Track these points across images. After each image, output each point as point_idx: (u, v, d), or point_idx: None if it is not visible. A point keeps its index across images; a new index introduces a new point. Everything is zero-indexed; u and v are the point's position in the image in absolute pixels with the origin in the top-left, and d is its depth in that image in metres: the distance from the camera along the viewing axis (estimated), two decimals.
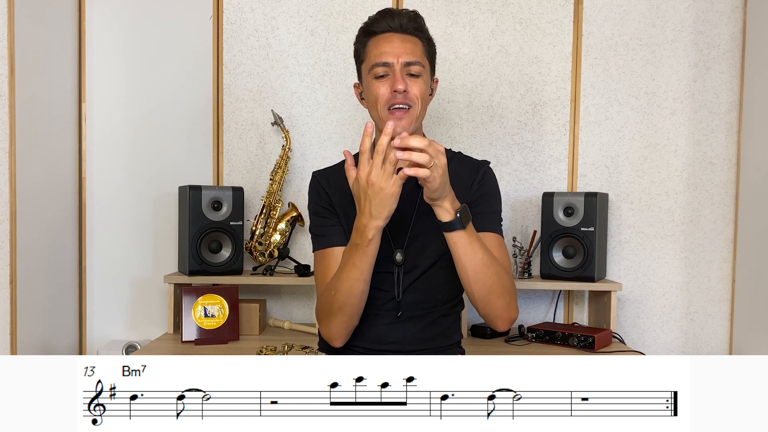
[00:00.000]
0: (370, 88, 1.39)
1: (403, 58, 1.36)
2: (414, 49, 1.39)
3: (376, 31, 1.41)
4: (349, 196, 1.33)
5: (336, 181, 1.48)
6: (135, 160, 2.29)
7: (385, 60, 1.36)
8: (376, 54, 1.38)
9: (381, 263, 1.34)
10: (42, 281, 2.05)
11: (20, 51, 1.89)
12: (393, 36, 1.39)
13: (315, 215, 1.49)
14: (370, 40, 1.41)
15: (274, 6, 2.28)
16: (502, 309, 1.35)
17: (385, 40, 1.39)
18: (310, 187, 1.52)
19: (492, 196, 1.48)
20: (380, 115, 1.37)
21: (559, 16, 2.27)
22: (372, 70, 1.38)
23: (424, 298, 1.44)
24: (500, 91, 2.29)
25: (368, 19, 1.43)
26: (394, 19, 1.39)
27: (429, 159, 1.15)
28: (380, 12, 1.42)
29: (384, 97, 1.36)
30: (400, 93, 1.35)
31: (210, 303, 1.95)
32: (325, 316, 1.39)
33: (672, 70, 2.27)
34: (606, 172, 2.29)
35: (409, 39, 1.40)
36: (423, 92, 1.39)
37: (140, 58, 2.28)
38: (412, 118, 1.37)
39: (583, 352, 1.87)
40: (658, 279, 2.29)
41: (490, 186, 1.48)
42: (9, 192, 1.86)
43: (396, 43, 1.38)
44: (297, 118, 2.28)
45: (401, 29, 1.39)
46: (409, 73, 1.37)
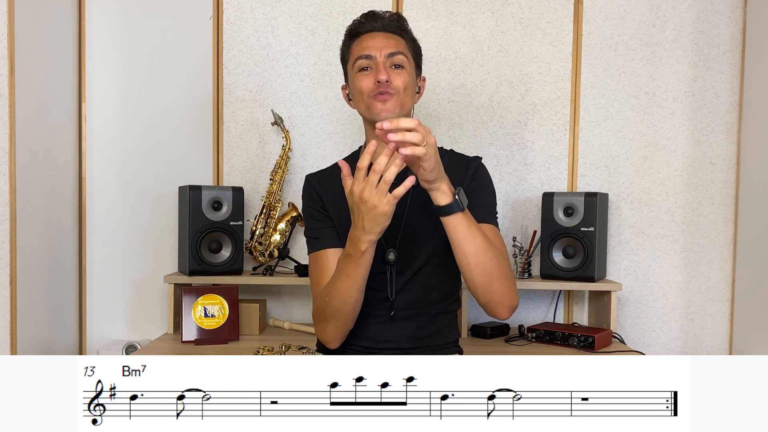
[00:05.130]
0: (354, 82, 1.42)
1: (385, 50, 1.39)
2: (397, 43, 1.42)
3: (360, 31, 1.44)
4: (342, 199, 1.33)
5: (329, 184, 1.49)
6: (135, 160, 2.29)
7: (368, 53, 1.39)
8: (359, 49, 1.41)
9: (373, 263, 1.33)
10: (42, 281, 2.05)
11: (20, 51, 1.89)
12: (376, 34, 1.42)
13: (309, 218, 1.50)
14: (354, 40, 1.44)
15: (274, 6, 2.28)
16: (503, 294, 1.33)
17: (368, 37, 1.42)
18: (303, 190, 1.54)
19: (485, 188, 1.48)
20: (366, 104, 1.39)
21: (559, 16, 2.27)
22: (355, 63, 1.40)
23: (418, 297, 1.44)
24: (500, 91, 2.29)
25: (352, 23, 1.46)
26: (377, 20, 1.43)
27: (422, 138, 1.14)
28: (363, 15, 1.45)
29: (368, 88, 1.38)
30: (383, 83, 1.36)
31: (210, 303, 1.95)
32: (320, 320, 1.40)
33: (672, 70, 2.27)
34: (606, 172, 2.29)
35: (392, 36, 1.43)
36: (407, 84, 1.40)
37: (140, 58, 2.28)
38: (396, 103, 1.38)
39: (583, 352, 1.87)
40: (658, 279, 2.29)
41: (482, 179, 1.48)
42: (9, 192, 1.86)
43: (379, 39, 1.41)
44: (297, 118, 2.28)
45: (384, 28, 1.43)
46: (393, 64, 1.39)
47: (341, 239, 1.39)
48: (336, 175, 1.35)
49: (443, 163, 1.24)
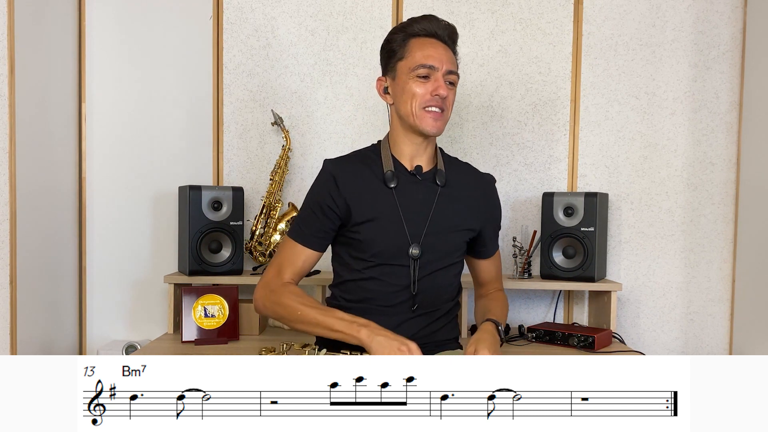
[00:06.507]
0: (407, 85, 1.43)
1: (447, 66, 1.44)
2: (454, 60, 1.48)
3: (419, 33, 1.46)
4: (363, 184, 1.45)
5: (349, 174, 1.48)
6: (135, 160, 2.29)
7: (432, 63, 1.42)
8: (422, 56, 1.43)
9: (397, 256, 1.43)
10: (42, 281, 2.05)
11: (20, 51, 1.89)
12: (437, 42, 1.46)
13: (311, 208, 1.49)
14: (413, 39, 1.46)
15: (274, 6, 2.28)
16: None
17: (431, 45, 1.45)
18: (320, 176, 1.50)
19: (499, 219, 1.64)
20: (415, 112, 1.43)
21: (559, 16, 2.27)
22: (415, 69, 1.43)
23: (433, 294, 1.49)
24: (500, 91, 2.29)
25: (409, 20, 1.48)
26: (439, 28, 1.46)
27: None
28: (424, 16, 1.48)
29: (423, 97, 1.42)
30: (441, 97, 1.42)
31: (210, 303, 1.95)
32: (269, 300, 1.47)
33: (672, 70, 2.27)
34: (606, 172, 2.29)
35: (449, 51, 1.48)
36: (453, 102, 1.48)
37: (140, 58, 2.28)
38: (444, 122, 1.46)
39: (583, 352, 1.87)
40: (658, 279, 2.29)
41: (499, 207, 1.64)
42: (9, 192, 1.86)
43: (440, 50, 1.45)
44: (297, 118, 2.28)
45: (444, 40, 1.47)
46: (449, 81, 1.45)
47: (324, 244, 1.49)
48: (361, 160, 1.50)
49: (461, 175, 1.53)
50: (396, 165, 1.48)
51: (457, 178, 1.53)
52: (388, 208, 1.44)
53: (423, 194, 1.47)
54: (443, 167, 1.51)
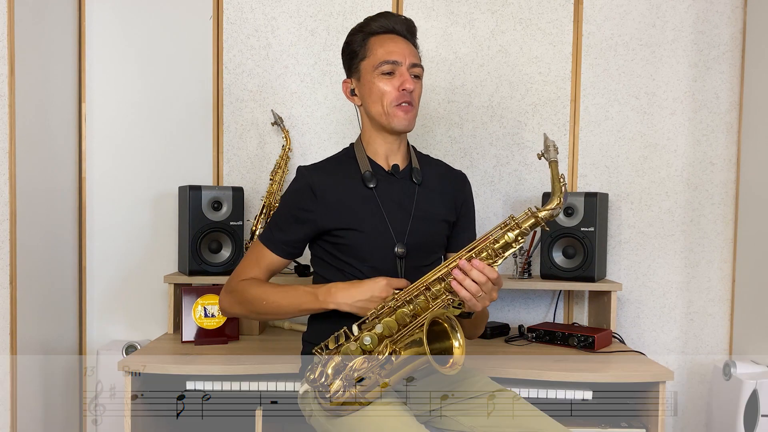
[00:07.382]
0: (374, 84, 1.43)
1: (410, 59, 1.43)
2: (416, 53, 1.47)
3: (378, 30, 1.45)
4: (341, 188, 1.43)
5: (326, 180, 1.46)
6: (135, 160, 2.29)
7: (395, 59, 1.41)
8: (384, 52, 1.42)
9: (382, 256, 1.42)
10: (42, 281, 2.05)
11: (20, 51, 1.89)
12: (396, 37, 1.46)
13: (284, 215, 1.47)
14: (373, 38, 1.45)
15: (274, 6, 2.28)
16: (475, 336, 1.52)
17: (391, 40, 1.44)
18: (295, 186, 1.47)
19: (473, 208, 1.63)
20: (386, 110, 1.43)
21: (559, 16, 2.27)
22: (379, 67, 1.42)
23: None
24: (500, 91, 2.29)
25: (366, 20, 1.48)
26: (396, 23, 1.46)
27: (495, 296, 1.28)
28: (380, 14, 1.47)
29: (392, 94, 1.42)
30: (408, 91, 1.41)
31: (210, 303, 1.95)
32: (234, 299, 1.45)
33: (672, 70, 2.27)
34: (606, 172, 2.29)
35: (410, 44, 1.47)
36: (420, 95, 1.47)
37: (140, 58, 2.28)
38: (414, 116, 1.45)
39: (583, 352, 1.87)
40: (658, 279, 2.29)
41: (471, 201, 1.62)
42: (9, 192, 1.86)
43: (401, 44, 1.44)
44: (297, 118, 2.28)
45: (403, 35, 1.47)
46: (414, 74, 1.44)
47: (293, 254, 1.49)
48: (336, 166, 1.48)
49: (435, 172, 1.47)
50: (372, 165, 1.47)
51: (431, 174, 1.53)
52: (371, 209, 1.43)
53: (402, 192, 1.47)
54: (417, 165, 1.51)
